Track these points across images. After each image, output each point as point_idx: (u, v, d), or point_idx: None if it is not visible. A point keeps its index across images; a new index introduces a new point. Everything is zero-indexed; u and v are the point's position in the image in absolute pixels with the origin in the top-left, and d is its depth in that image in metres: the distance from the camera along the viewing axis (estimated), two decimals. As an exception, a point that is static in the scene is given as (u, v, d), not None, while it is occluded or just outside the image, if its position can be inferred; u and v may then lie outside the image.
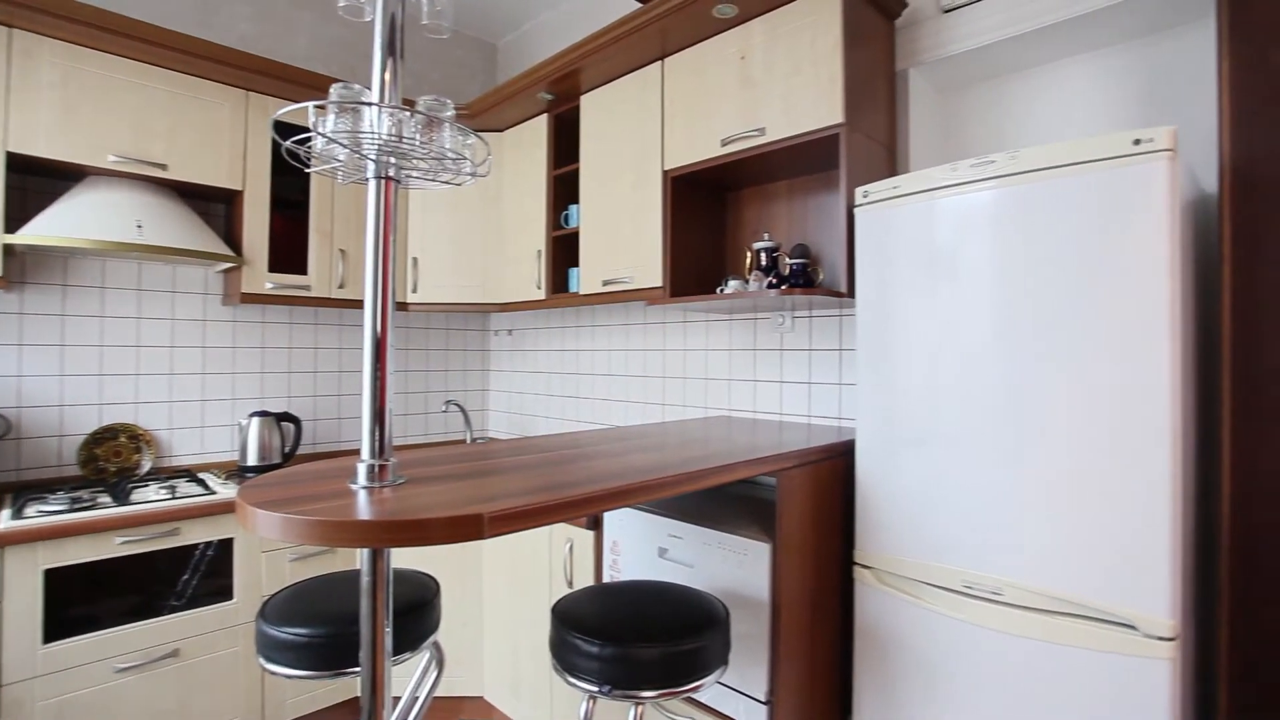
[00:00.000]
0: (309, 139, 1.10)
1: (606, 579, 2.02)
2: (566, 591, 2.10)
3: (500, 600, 2.49)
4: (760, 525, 1.70)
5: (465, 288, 3.05)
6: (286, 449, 2.77)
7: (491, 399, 3.74)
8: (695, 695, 1.64)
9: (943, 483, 1.51)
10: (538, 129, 2.84)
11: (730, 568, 1.66)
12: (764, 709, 1.58)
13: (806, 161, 2.09)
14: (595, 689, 1.28)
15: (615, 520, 1.98)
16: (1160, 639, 1.21)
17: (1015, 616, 1.39)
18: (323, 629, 1.30)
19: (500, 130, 3.04)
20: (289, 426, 2.82)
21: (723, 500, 2.01)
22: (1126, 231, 1.27)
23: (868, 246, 1.67)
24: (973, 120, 2.17)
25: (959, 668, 1.48)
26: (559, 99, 2.70)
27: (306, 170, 1.20)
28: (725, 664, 1.39)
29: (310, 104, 1.09)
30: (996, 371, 1.42)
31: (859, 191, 1.68)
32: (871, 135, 1.95)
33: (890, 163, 2.05)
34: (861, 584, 1.67)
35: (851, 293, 1.75)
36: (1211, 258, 1.50)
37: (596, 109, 2.56)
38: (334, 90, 1.09)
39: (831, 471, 1.72)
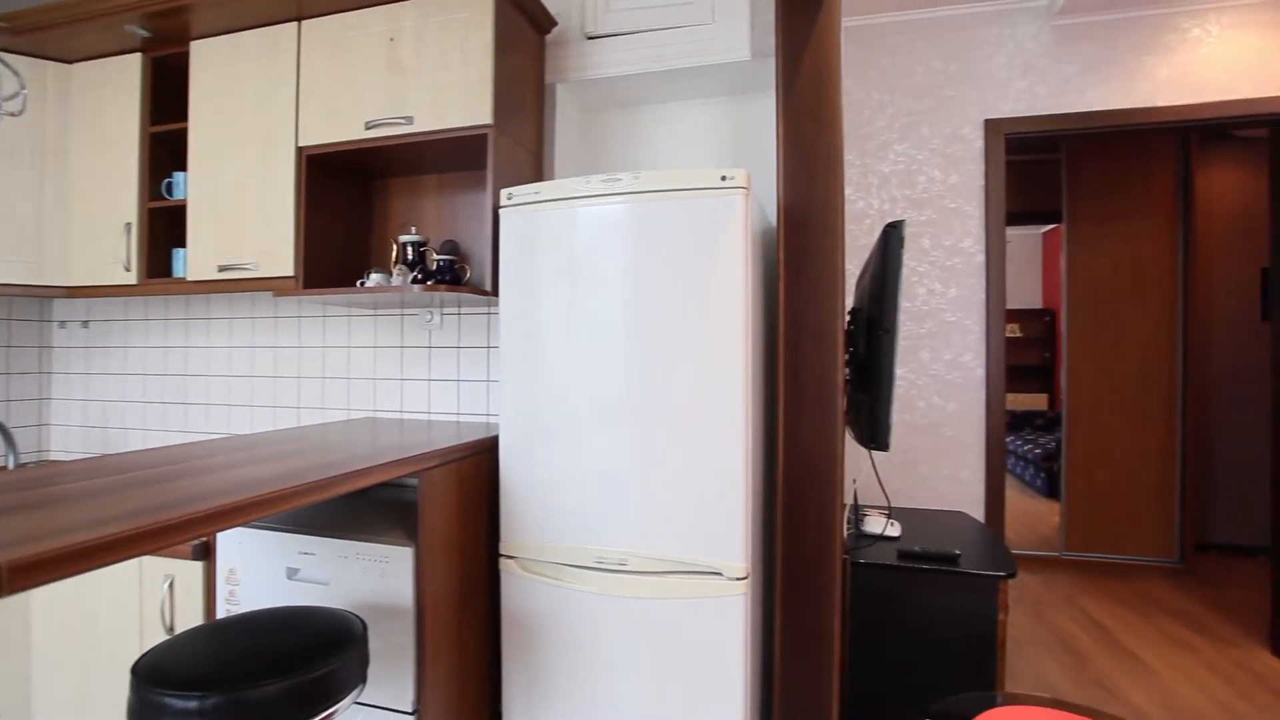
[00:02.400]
0: None
1: (222, 615, 1.71)
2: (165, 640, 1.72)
3: (62, 673, 1.92)
4: (405, 529, 1.63)
5: (10, 264, 2.29)
6: None
7: (54, 410, 2.87)
8: (330, 725, 1.49)
9: (577, 470, 1.64)
10: (128, 70, 2.28)
11: (372, 578, 1.56)
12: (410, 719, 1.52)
13: (456, 157, 2.08)
14: (192, 750, 1.07)
15: (232, 544, 1.69)
16: (738, 579, 1.51)
17: (637, 582, 1.58)
18: None
19: (68, 61, 2.36)
20: None
21: (365, 508, 1.87)
22: (716, 251, 1.55)
23: (511, 247, 1.73)
24: (613, 140, 2.42)
25: (597, 638, 1.62)
26: (159, 38, 2.20)
27: None
28: (364, 682, 1.29)
29: None
30: (623, 367, 1.61)
31: (504, 193, 1.73)
32: (520, 140, 2.03)
33: (537, 169, 2.16)
34: (507, 574, 1.72)
35: (496, 291, 1.79)
36: (774, 277, 1.93)
37: (213, 62, 2.16)
38: None
39: (476, 468, 1.74)
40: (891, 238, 1.63)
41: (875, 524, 2.03)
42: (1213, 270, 4.10)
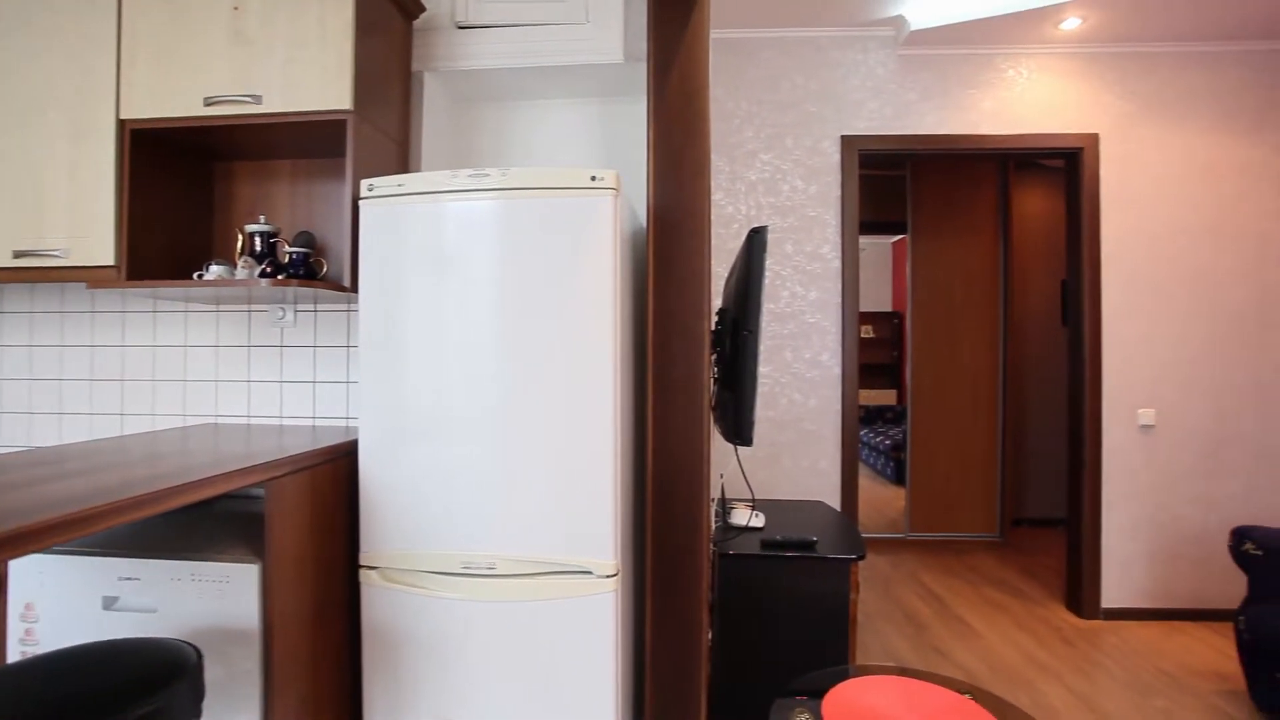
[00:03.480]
0: None
1: (14, 659, 1.48)
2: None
3: None
4: (250, 545, 1.49)
5: None
6: None
7: None
8: (158, 768, 1.33)
9: (445, 473, 1.59)
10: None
11: (209, 601, 1.41)
12: (254, 753, 1.40)
13: (313, 143, 1.94)
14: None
15: (29, 574, 1.47)
16: (607, 576, 1.52)
17: (507, 585, 1.56)
18: None
19: None
20: None
21: (204, 524, 1.69)
22: (585, 251, 1.55)
23: (374, 241, 1.63)
24: (484, 134, 2.36)
25: (465, 646, 1.58)
26: (-68, -18, 1.86)
27: None
28: (197, 718, 1.17)
29: None
30: (492, 367, 1.57)
31: (365, 184, 1.63)
32: (383, 129, 1.92)
33: (403, 159, 2.06)
34: (368, 586, 1.63)
35: (356, 287, 1.69)
36: (644, 279, 1.96)
37: (6, 13, 1.86)
38: None
39: (333, 475, 1.63)
40: (755, 243, 1.72)
41: (741, 516, 2.13)
42: (1027, 281, 4.68)
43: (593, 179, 1.56)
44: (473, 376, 1.58)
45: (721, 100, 3.08)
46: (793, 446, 3.03)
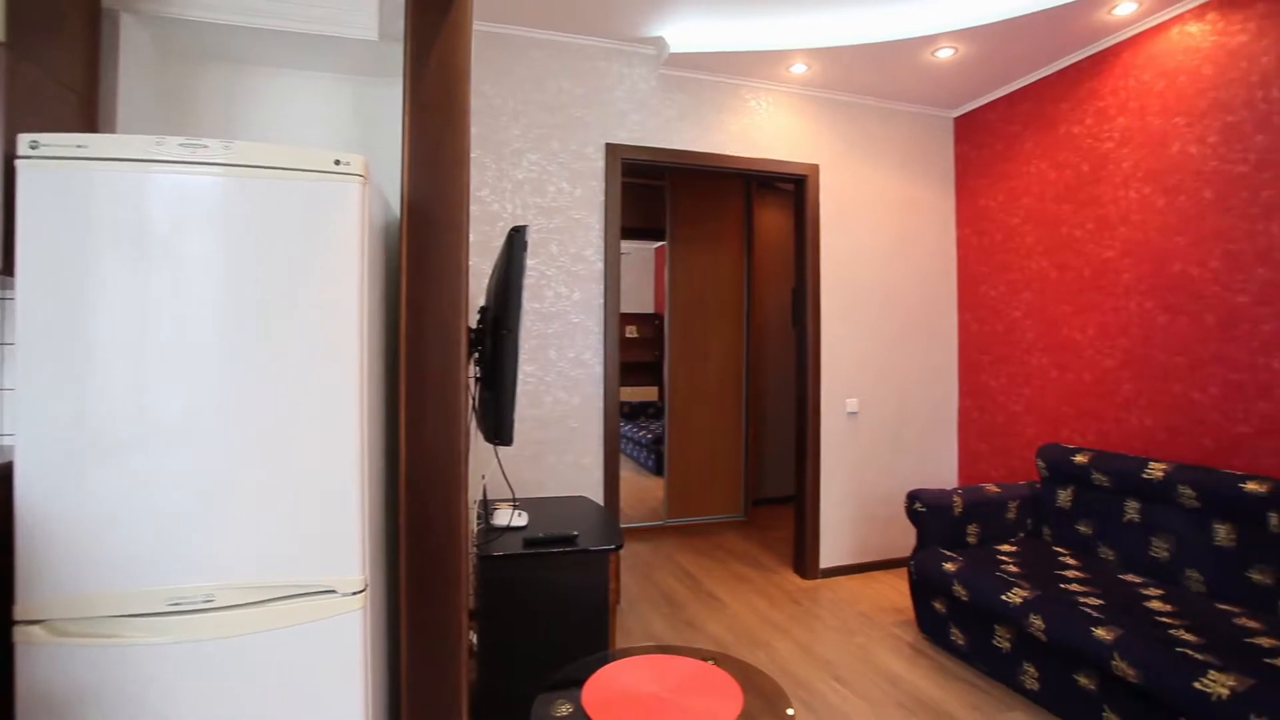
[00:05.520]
0: None
1: None
2: None
3: None
4: None
5: None
6: None
7: None
8: None
9: (149, 495, 1.34)
10: None
11: None
12: None
13: (-56, 80, 1.50)
14: None
15: None
16: (354, 594, 1.41)
17: (229, 619, 1.36)
18: None
19: None
20: None
21: None
22: (328, 241, 1.42)
23: (43, 214, 1.31)
24: (213, 101, 2.04)
25: (173, 699, 1.34)
26: None
27: None
28: None
29: None
30: (214, 368, 1.36)
31: (25, 139, 1.30)
32: (56, 74, 1.56)
33: (89, 117, 1.69)
34: (30, 647, 1.29)
35: (11, 270, 1.35)
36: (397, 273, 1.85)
37: None
38: None
39: (-25, 507, 1.28)
40: (515, 242, 1.71)
41: (503, 516, 2.12)
42: (766, 288, 5.32)
43: (337, 163, 1.42)
44: (187, 379, 1.35)
45: (489, 95, 3.03)
46: (557, 444, 3.09)
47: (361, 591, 1.42)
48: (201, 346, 1.36)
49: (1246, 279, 2.50)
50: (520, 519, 2.14)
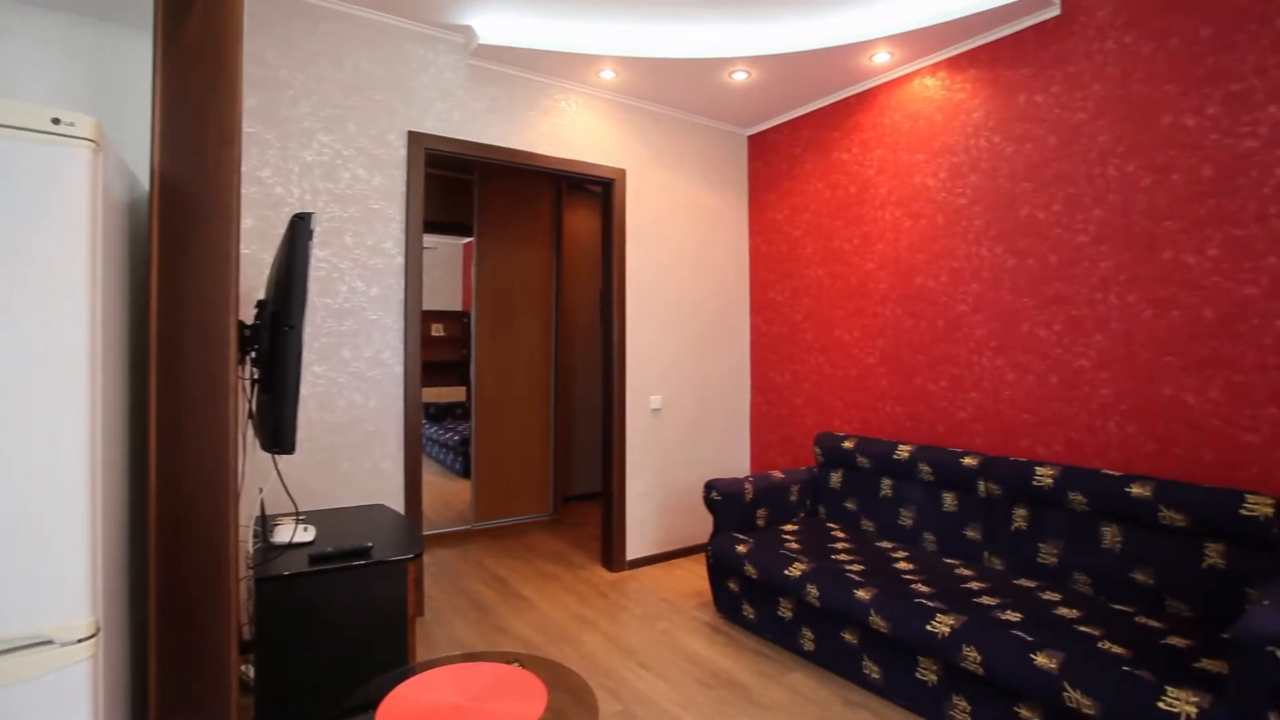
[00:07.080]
0: None
1: None
2: None
3: None
4: None
5: None
6: None
7: None
8: None
9: None
10: None
11: None
12: None
13: None
14: None
15: None
16: (79, 641, 1.18)
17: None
18: None
19: None
20: None
21: None
22: (47, 217, 1.17)
23: None
24: None
25: None
26: None
27: None
28: None
29: None
30: None
31: None
32: None
33: None
34: None
35: None
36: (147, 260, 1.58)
37: None
38: None
39: None
40: (298, 229, 1.55)
41: (285, 532, 1.91)
42: (575, 287, 5.38)
43: (56, 121, 1.18)
44: None
45: (274, 64, 2.71)
46: (353, 449, 2.86)
47: (90, 638, 1.19)
48: None
49: (965, 292, 3.05)
50: (306, 534, 1.94)
